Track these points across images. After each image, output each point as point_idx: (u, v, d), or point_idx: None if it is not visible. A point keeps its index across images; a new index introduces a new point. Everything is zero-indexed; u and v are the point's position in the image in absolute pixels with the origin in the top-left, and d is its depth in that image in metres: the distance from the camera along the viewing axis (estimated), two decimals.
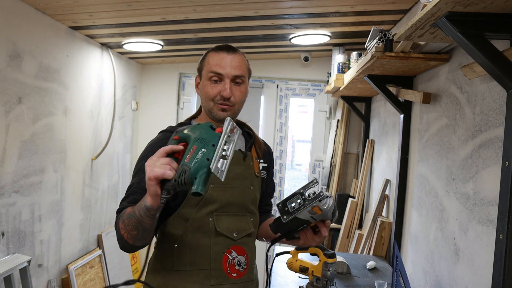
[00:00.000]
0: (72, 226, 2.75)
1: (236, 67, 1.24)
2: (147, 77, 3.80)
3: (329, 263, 1.45)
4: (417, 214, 1.97)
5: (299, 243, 1.13)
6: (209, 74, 1.23)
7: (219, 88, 1.23)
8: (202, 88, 1.27)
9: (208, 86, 1.24)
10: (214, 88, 1.23)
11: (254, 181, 1.31)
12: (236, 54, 1.26)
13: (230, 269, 1.22)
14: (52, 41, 2.39)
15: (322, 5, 2.15)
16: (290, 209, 1.04)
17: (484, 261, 1.30)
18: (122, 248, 1.14)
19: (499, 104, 1.27)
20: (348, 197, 3.17)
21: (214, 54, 1.25)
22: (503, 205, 0.99)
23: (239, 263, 1.24)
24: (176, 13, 2.25)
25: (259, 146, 1.39)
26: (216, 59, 1.24)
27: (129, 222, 1.05)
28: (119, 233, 1.11)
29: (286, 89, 3.71)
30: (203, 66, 1.27)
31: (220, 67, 1.22)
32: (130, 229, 1.06)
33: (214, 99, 1.23)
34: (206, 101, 1.26)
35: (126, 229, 1.07)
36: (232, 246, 1.22)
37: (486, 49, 1.01)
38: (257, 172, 1.32)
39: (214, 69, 1.22)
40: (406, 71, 1.97)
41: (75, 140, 2.71)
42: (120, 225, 1.09)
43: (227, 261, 1.22)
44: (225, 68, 1.22)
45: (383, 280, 1.95)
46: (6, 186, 2.05)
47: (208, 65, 1.25)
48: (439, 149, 1.74)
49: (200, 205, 1.19)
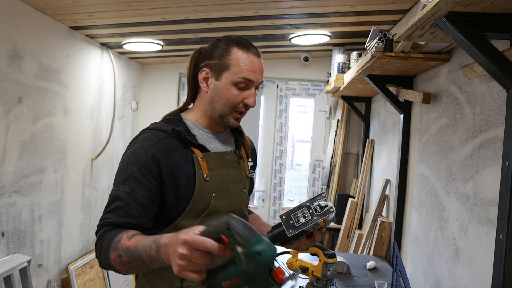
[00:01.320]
0: (72, 226, 2.75)
1: (262, 73, 1.13)
2: (147, 77, 3.80)
3: (329, 263, 1.45)
4: (417, 214, 1.97)
5: (291, 247, 1.10)
6: (239, 79, 1.08)
7: (244, 95, 1.11)
8: (222, 91, 1.10)
9: (232, 91, 1.09)
10: (240, 95, 1.10)
11: (246, 183, 1.25)
12: (260, 56, 1.14)
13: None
14: (52, 41, 2.39)
15: (322, 5, 2.15)
16: (296, 223, 1.00)
17: (484, 261, 1.30)
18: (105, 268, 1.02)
19: (499, 104, 1.27)
20: (348, 197, 3.17)
21: (243, 54, 1.09)
22: (503, 205, 0.99)
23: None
24: (176, 13, 2.25)
25: (247, 144, 1.30)
26: (248, 62, 1.09)
27: (131, 261, 0.92)
28: (107, 262, 0.97)
29: (286, 89, 3.71)
30: (228, 66, 1.09)
31: (253, 73, 1.09)
32: (129, 267, 0.95)
33: (236, 107, 1.12)
34: (225, 106, 1.11)
35: (124, 266, 0.95)
36: None
37: (486, 49, 1.01)
38: (247, 172, 1.26)
39: (248, 75, 1.08)
40: (406, 71, 1.97)
41: (75, 140, 2.71)
42: (112, 256, 0.95)
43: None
44: (256, 74, 1.10)
45: (383, 280, 1.95)
46: (6, 186, 2.05)
47: (237, 67, 1.08)
48: (439, 149, 1.74)
49: (203, 216, 1.09)
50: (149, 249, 0.88)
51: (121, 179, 1.05)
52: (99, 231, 1.03)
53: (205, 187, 1.09)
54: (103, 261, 0.99)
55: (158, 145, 1.06)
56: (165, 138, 1.09)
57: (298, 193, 6.71)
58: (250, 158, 1.30)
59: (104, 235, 1.01)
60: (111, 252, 0.96)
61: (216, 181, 1.12)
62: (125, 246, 0.93)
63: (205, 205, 1.09)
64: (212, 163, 1.12)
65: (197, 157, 1.09)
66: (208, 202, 1.09)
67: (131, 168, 1.04)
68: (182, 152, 1.09)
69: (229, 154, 1.19)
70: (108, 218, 1.02)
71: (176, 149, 1.08)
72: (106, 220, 1.02)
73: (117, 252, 0.94)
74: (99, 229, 1.04)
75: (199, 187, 1.08)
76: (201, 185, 1.09)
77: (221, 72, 1.10)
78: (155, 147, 1.06)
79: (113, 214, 1.02)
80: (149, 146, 1.06)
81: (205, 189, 1.09)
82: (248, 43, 1.12)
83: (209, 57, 1.12)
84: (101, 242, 1.00)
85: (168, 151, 1.07)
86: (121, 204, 1.02)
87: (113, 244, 0.96)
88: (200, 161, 1.09)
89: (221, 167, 1.15)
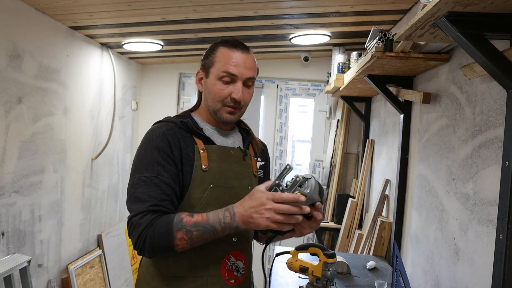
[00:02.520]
0: (72, 226, 2.75)
1: (249, 68, 1.16)
2: (147, 77, 3.80)
3: (329, 263, 1.45)
4: (417, 214, 1.97)
5: (296, 234, 1.09)
6: (222, 73, 1.14)
7: (230, 89, 1.15)
8: (210, 86, 1.17)
9: (218, 85, 1.15)
10: (225, 89, 1.14)
11: (252, 181, 1.25)
12: (249, 53, 1.18)
13: (228, 276, 1.16)
14: (52, 41, 2.39)
15: (322, 5, 2.15)
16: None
17: (484, 261, 1.30)
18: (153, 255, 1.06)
19: (499, 104, 1.27)
20: (348, 197, 3.17)
21: (227, 51, 1.15)
22: (503, 205, 0.99)
23: (237, 269, 1.18)
24: (176, 13, 2.25)
25: (256, 144, 1.32)
26: (229, 57, 1.14)
27: (202, 234, 1.02)
28: (170, 243, 1.02)
29: (286, 89, 3.71)
30: (213, 63, 1.16)
31: (235, 67, 1.14)
32: (197, 240, 1.03)
33: (224, 101, 1.16)
34: (214, 101, 1.17)
35: (192, 240, 1.02)
36: (231, 251, 1.16)
37: (486, 49, 1.01)
38: (255, 171, 1.27)
39: (229, 69, 1.13)
40: (406, 71, 1.97)
41: (75, 140, 2.71)
42: (178, 235, 1.01)
43: (225, 267, 1.15)
44: (239, 68, 1.14)
45: (383, 280, 1.95)
46: (6, 186, 2.05)
47: (220, 63, 1.14)
48: (439, 149, 1.74)
49: (200, 206, 1.12)
50: (223, 217, 1.01)
51: (142, 166, 1.10)
52: (143, 218, 1.04)
53: (202, 176, 1.13)
54: (161, 245, 1.03)
55: (169, 132, 1.13)
56: (174, 127, 1.16)
57: None
58: (259, 158, 1.32)
59: (153, 222, 1.03)
60: (176, 232, 1.02)
61: (216, 173, 1.15)
62: (193, 222, 1.03)
63: (201, 195, 1.13)
64: (214, 156, 1.16)
65: (199, 148, 1.15)
66: (204, 192, 1.13)
67: (151, 154, 1.10)
68: (189, 141, 1.15)
69: (234, 150, 1.22)
70: (148, 202, 1.05)
71: (184, 138, 1.15)
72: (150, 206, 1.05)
73: (185, 229, 1.02)
74: (143, 215, 1.04)
75: (195, 176, 1.12)
76: (198, 174, 1.13)
77: (208, 70, 1.18)
78: (167, 134, 1.13)
79: (151, 199, 1.06)
80: (161, 132, 1.13)
81: (202, 178, 1.13)
82: (236, 42, 1.18)
83: (203, 59, 1.21)
84: (153, 228, 1.03)
85: (178, 138, 1.13)
86: (153, 188, 1.07)
87: (175, 225, 1.02)
88: (201, 152, 1.14)
89: (223, 160, 1.18)
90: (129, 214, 1.08)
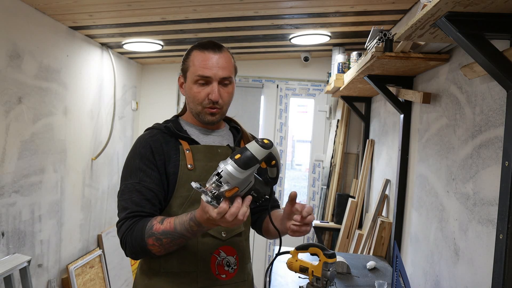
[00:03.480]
0: (72, 226, 2.75)
1: (223, 68, 1.17)
2: (147, 77, 3.80)
3: (329, 263, 1.45)
4: (417, 214, 1.97)
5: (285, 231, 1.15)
6: (196, 77, 1.16)
7: (206, 91, 1.17)
8: (188, 90, 1.20)
9: (194, 89, 1.18)
10: (202, 91, 1.17)
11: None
12: (222, 52, 1.18)
13: (218, 270, 1.18)
14: (52, 41, 2.39)
15: (322, 5, 2.15)
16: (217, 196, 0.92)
17: (484, 261, 1.30)
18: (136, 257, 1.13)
19: (499, 104, 1.27)
20: (348, 197, 3.17)
21: (198, 54, 1.18)
22: (503, 205, 0.99)
23: (228, 264, 1.20)
24: (176, 13, 2.25)
25: (248, 140, 1.32)
26: (201, 59, 1.17)
27: (172, 241, 1.05)
28: (144, 248, 1.07)
29: (286, 89, 3.71)
30: (188, 67, 1.20)
31: (207, 69, 1.15)
32: (169, 246, 1.07)
33: (203, 103, 1.18)
34: (194, 104, 1.20)
35: (164, 246, 1.06)
36: (221, 247, 1.18)
37: (486, 49, 1.01)
38: None
39: (201, 72, 1.16)
40: (406, 71, 1.97)
41: (75, 140, 2.71)
42: (150, 241, 1.06)
43: (215, 262, 1.17)
44: (212, 70, 1.15)
45: (383, 280, 1.95)
46: (6, 186, 2.05)
47: (193, 67, 1.17)
48: (439, 149, 1.74)
49: (186, 204, 1.15)
50: (190, 227, 1.03)
51: (127, 173, 1.17)
52: (123, 224, 1.11)
53: (188, 175, 1.16)
54: (137, 249, 1.09)
55: (152, 139, 1.19)
56: (158, 133, 1.21)
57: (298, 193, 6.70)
58: None
59: (132, 227, 1.10)
60: (147, 239, 1.06)
61: (202, 171, 1.18)
62: (161, 230, 1.05)
63: (187, 193, 1.16)
64: (200, 155, 1.19)
65: (183, 149, 1.18)
66: (190, 190, 1.15)
67: (134, 161, 1.17)
68: (172, 144, 1.19)
69: (221, 148, 1.24)
70: (128, 209, 1.11)
71: (167, 142, 1.19)
72: (128, 213, 1.11)
73: (154, 236, 1.06)
74: (123, 222, 1.11)
75: (181, 175, 1.16)
76: (183, 174, 1.16)
77: (185, 74, 1.22)
78: (149, 140, 1.18)
79: (132, 205, 1.12)
80: (145, 139, 1.19)
81: (188, 177, 1.16)
82: (208, 43, 1.19)
83: (181, 64, 1.25)
84: (131, 233, 1.09)
85: (161, 143, 1.18)
86: (135, 194, 1.13)
87: (146, 231, 1.07)
88: (186, 152, 1.18)
89: (210, 159, 1.20)
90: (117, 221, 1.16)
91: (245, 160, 0.92)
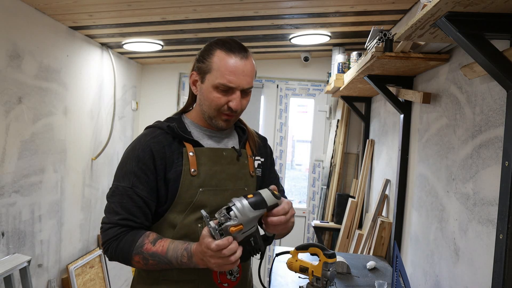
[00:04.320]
0: (72, 226, 2.75)
1: (248, 77, 1.10)
2: (147, 77, 3.80)
3: (329, 263, 1.45)
4: (417, 214, 1.97)
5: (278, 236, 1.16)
6: (218, 84, 1.08)
7: (227, 98, 1.09)
8: (205, 93, 1.11)
9: (214, 94, 1.09)
10: (222, 97, 1.09)
11: (249, 181, 1.21)
12: (248, 58, 1.11)
13: (221, 279, 1.14)
14: (52, 41, 2.39)
15: (322, 5, 2.15)
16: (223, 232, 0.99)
17: (484, 261, 1.30)
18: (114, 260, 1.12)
19: (499, 104, 1.27)
20: (348, 197, 3.17)
21: (225, 57, 1.08)
22: (503, 205, 0.99)
23: (230, 272, 1.15)
24: (176, 13, 2.25)
25: (253, 141, 1.27)
26: (227, 66, 1.07)
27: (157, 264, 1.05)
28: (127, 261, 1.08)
29: (286, 89, 3.71)
30: (210, 69, 1.09)
31: (233, 78, 1.07)
32: (152, 267, 1.07)
33: (220, 109, 1.11)
34: (209, 108, 1.12)
35: (147, 266, 1.06)
36: None
37: (486, 49, 1.01)
38: (251, 171, 1.23)
39: (226, 81, 1.07)
40: (406, 71, 1.97)
41: (75, 140, 2.71)
42: (136, 258, 1.06)
43: (217, 271, 1.13)
44: (238, 79, 1.07)
45: (383, 280, 1.95)
46: (6, 186, 2.05)
47: (217, 72, 1.07)
48: (439, 149, 1.74)
49: (189, 210, 1.10)
50: (181, 256, 1.03)
51: (121, 174, 1.12)
52: (111, 229, 1.09)
53: (191, 181, 1.11)
54: (119, 259, 1.08)
55: (154, 140, 1.11)
56: (161, 134, 1.13)
57: (298, 193, 6.70)
58: (258, 156, 1.28)
59: (119, 237, 1.08)
60: (134, 255, 1.06)
61: (206, 176, 1.13)
62: (151, 251, 1.05)
63: (190, 200, 1.11)
64: (204, 158, 1.14)
65: (187, 152, 1.12)
66: (193, 197, 1.11)
67: (130, 164, 1.10)
68: (175, 147, 1.12)
69: (226, 150, 1.19)
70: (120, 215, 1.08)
71: (169, 144, 1.12)
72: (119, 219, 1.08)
73: (142, 255, 1.06)
74: (111, 226, 1.09)
75: (183, 181, 1.11)
76: (186, 179, 1.11)
77: (204, 75, 1.12)
78: (151, 142, 1.11)
79: (123, 211, 1.08)
80: (146, 141, 1.11)
81: (190, 183, 1.11)
82: (235, 45, 1.10)
83: (198, 60, 1.15)
84: (117, 243, 1.08)
85: (163, 146, 1.11)
86: (126, 200, 1.09)
87: (135, 248, 1.06)
88: (190, 156, 1.12)
89: (214, 163, 1.15)
90: (103, 218, 1.13)
91: (256, 201, 1.01)
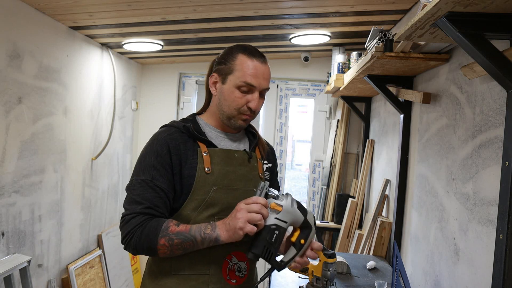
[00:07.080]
0: (72, 226, 2.75)
1: (267, 79, 1.20)
2: (147, 77, 3.80)
3: (329, 263, 1.44)
4: (417, 214, 1.97)
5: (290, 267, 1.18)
6: (241, 83, 1.16)
7: (247, 98, 1.18)
8: (226, 93, 1.19)
9: (235, 94, 1.18)
10: (243, 97, 1.18)
11: (258, 183, 1.25)
12: (267, 64, 1.21)
13: (229, 275, 1.18)
14: (52, 41, 2.39)
15: (322, 5, 2.15)
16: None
17: (484, 261, 1.30)
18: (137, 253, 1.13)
19: (499, 104, 1.27)
20: (348, 197, 3.17)
21: (247, 60, 1.17)
22: (503, 205, 0.99)
23: (239, 269, 1.20)
24: (176, 13, 2.25)
25: (263, 146, 1.35)
26: (251, 67, 1.17)
27: (182, 242, 1.08)
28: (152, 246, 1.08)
29: (286, 89, 3.71)
30: (232, 70, 1.18)
31: (255, 78, 1.17)
32: (177, 249, 1.09)
33: (240, 109, 1.19)
34: (230, 108, 1.19)
35: (172, 248, 1.08)
36: (233, 252, 1.19)
37: (486, 49, 1.01)
38: (261, 173, 1.29)
39: (249, 80, 1.16)
40: (406, 71, 1.97)
41: (75, 140, 2.71)
42: (161, 241, 1.08)
43: (227, 267, 1.18)
44: (259, 80, 1.17)
45: (383, 280, 1.95)
46: (6, 186, 2.05)
47: (240, 72, 1.17)
48: (439, 149, 1.75)
49: (201, 207, 1.15)
50: (204, 228, 1.08)
51: (141, 168, 1.16)
52: (134, 218, 1.11)
53: (205, 179, 1.16)
54: (144, 246, 1.10)
55: (170, 137, 1.18)
56: (176, 132, 1.20)
57: (298, 193, 6.70)
58: (266, 160, 1.35)
59: (144, 223, 1.10)
60: (160, 238, 1.08)
61: (219, 175, 1.18)
62: (176, 231, 1.08)
63: (203, 197, 1.16)
64: (217, 159, 1.19)
65: (201, 151, 1.18)
66: (207, 194, 1.16)
67: (150, 158, 1.16)
68: (190, 145, 1.19)
69: (238, 152, 1.24)
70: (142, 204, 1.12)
71: (185, 142, 1.18)
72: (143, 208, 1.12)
73: (168, 237, 1.08)
74: (134, 216, 1.11)
75: (198, 178, 1.16)
76: (201, 176, 1.16)
77: (226, 76, 1.19)
78: (168, 139, 1.17)
79: (146, 201, 1.12)
80: (162, 137, 1.18)
81: (205, 181, 1.16)
82: (255, 50, 1.20)
83: (218, 63, 1.23)
84: (141, 230, 1.10)
85: (178, 143, 1.17)
86: (149, 191, 1.13)
87: (161, 231, 1.08)
88: (204, 155, 1.18)
89: (227, 163, 1.20)
90: (123, 212, 1.15)
91: (301, 205, 1.11)
